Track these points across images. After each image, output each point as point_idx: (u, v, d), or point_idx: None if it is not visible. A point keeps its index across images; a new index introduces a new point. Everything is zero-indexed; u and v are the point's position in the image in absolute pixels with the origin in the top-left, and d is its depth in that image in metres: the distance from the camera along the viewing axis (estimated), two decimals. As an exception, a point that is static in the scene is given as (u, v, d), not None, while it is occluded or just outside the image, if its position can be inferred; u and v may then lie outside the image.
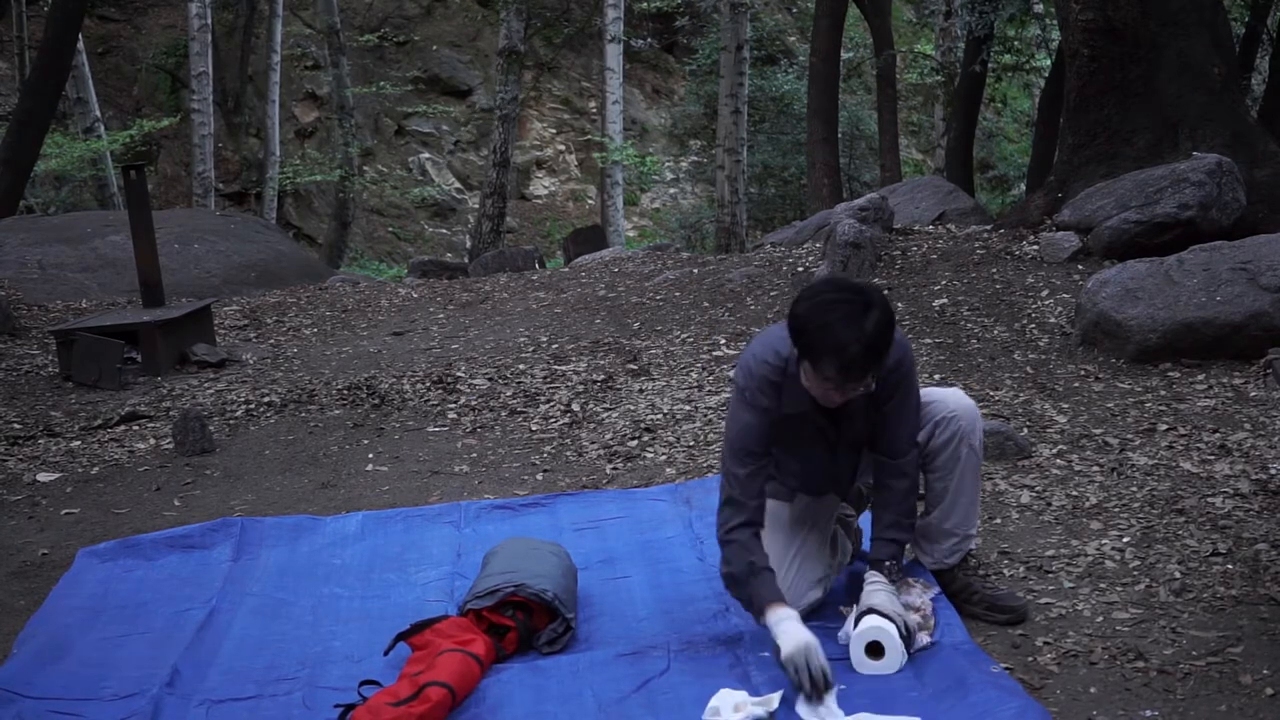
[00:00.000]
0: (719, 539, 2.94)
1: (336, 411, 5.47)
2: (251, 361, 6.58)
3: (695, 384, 5.43)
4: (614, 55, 17.27)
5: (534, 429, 5.05)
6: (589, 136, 20.27)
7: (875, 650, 2.79)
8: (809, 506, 3.12)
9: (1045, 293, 6.11)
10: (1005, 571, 3.35)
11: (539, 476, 4.51)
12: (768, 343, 2.93)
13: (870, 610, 2.83)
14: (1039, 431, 4.48)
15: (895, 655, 2.77)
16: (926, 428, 3.02)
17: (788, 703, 2.65)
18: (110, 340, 6.23)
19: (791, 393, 2.88)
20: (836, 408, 2.86)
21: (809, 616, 3.03)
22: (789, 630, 2.72)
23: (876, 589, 2.90)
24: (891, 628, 2.77)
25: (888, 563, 2.96)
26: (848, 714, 2.60)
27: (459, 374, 5.82)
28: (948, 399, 3.06)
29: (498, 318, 7.32)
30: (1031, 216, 7.30)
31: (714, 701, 2.63)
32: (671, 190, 21.31)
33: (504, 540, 3.45)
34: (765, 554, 2.89)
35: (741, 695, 2.64)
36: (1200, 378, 4.93)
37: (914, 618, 2.90)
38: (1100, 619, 3.02)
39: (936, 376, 5.23)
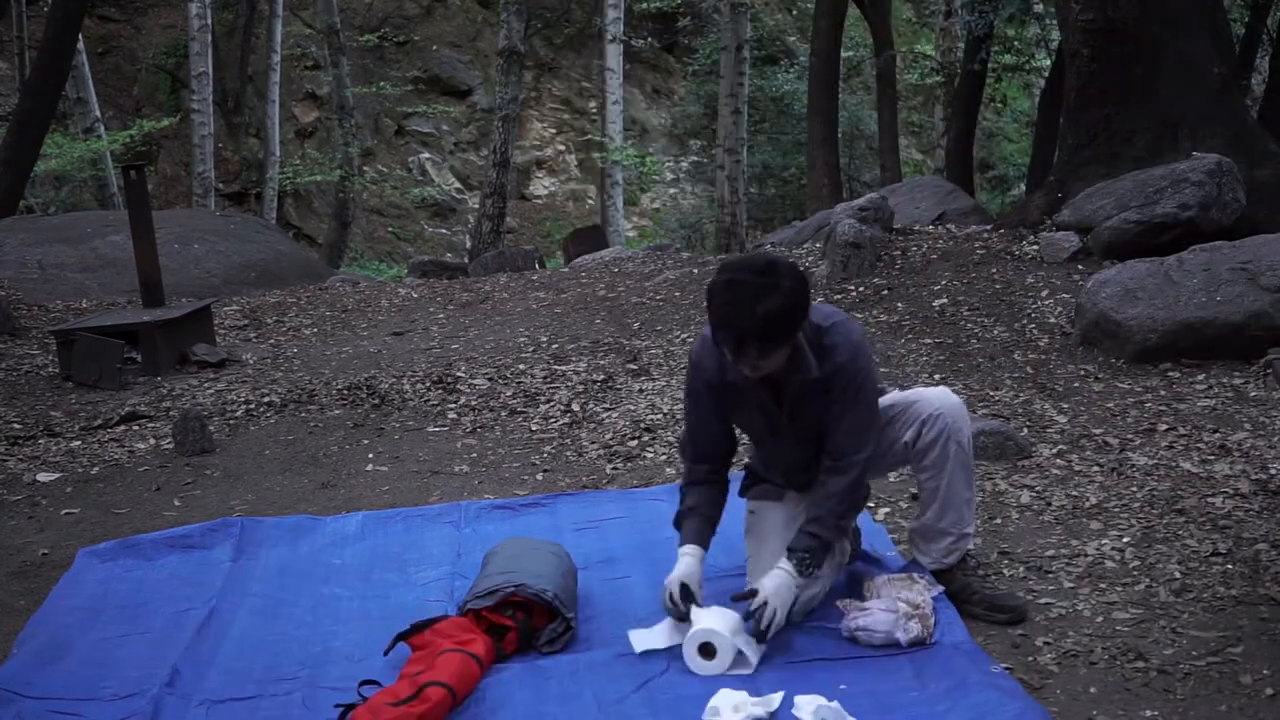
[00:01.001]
0: (679, 488, 3.19)
1: (336, 411, 5.47)
2: (251, 361, 6.58)
3: (695, 384, 5.42)
4: (614, 55, 17.28)
5: (534, 429, 5.05)
6: (589, 136, 20.27)
7: (707, 651, 2.83)
8: (799, 506, 3.13)
9: (1045, 293, 6.11)
10: (1005, 571, 3.35)
11: (539, 476, 4.51)
12: None
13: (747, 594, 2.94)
14: (1039, 431, 4.48)
15: (726, 655, 2.83)
16: (914, 427, 3.05)
17: (788, 701, 2.65)
18: (110, 340, 6.23)
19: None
20: (778, 386, 2.96)
21: (809, 615, 3.04)
22: (679, 565, 3.02)
23: (776, 572, 2.93)
24: (723, 629, 2.82)
25: (801, 553, 2.95)
26: (848, 711, 2.60)
27: (459, 374, 5.82)
28: (932, 397, 3.08)
29: (498, 318, 7.32)
30: (1031, 216, 7.30)
31: (714, 701, 2.63)
32: (671, 190, 21.31)
33: (504, 540, 3.46)
34: (706, 500, 3.11)
35: (741, 695, 2.64)
36: (1200, 378, 4.93)
37: (905, 628, 2.89)
38: (1100, 619, 3.02)
39: (936, 376, 5.23)
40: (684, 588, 2.96)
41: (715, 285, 2.82)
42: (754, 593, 2.90)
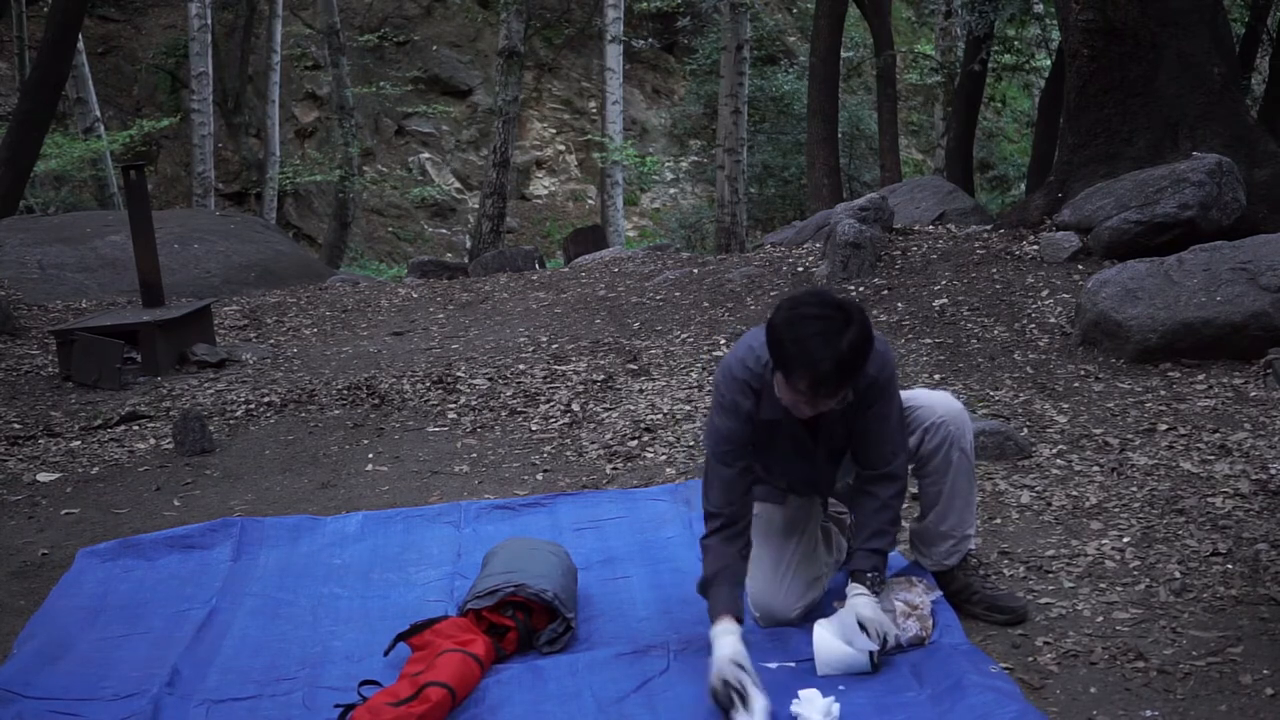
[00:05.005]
0: (700, 544, 2.94)
1: (336, 411, 5.47)
2: (251, 361, 6.58)
3: (695, 384, 5.43)
4: (614, 55, 17.28)
5: (534, 429, 5.05)
6: (589, 136, 20.27)
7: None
8: (801, 508, 3.12)
9: (1045, 293, 6.11)
10: (1005, 571, 3.35)
11: (539, 476, 4.51)
12: (749, 347, 2.90)
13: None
14: (1039, 431, 4.48)
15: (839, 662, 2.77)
16: (916, 434, 3.01)
17: (791, 697, 2.65)
18: (110, 340, 6.23)
19: (769, 398, 2.86)
20: (814, 417, 2.84)
21: (806, 615, 3.03)
22: (717, 649, 2.71)
23: (858, 598, 2.87)
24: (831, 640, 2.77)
25: (869, 574, 2.91)
26: (843, 714, 2.60)
27: (459, 374, 5.82)
28: (935, 404, 3.04)
29: (498, 318, 7.32)
30: (1031, 216, 7.30)
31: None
32: (671, 190, 21.31)
33: (504, 540, 3.46)
34: (733, 559, 2.87)
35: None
36: (1200, 378, 4.93)
37: (903, 627, 2.89)
38: (1100, 619, 3.02)
39: (936, 377, 5.23)
40: (738, 667, 2.64)
41: (785, 326, 2.66)
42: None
